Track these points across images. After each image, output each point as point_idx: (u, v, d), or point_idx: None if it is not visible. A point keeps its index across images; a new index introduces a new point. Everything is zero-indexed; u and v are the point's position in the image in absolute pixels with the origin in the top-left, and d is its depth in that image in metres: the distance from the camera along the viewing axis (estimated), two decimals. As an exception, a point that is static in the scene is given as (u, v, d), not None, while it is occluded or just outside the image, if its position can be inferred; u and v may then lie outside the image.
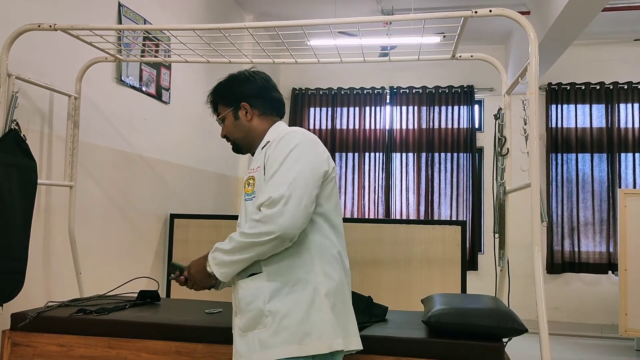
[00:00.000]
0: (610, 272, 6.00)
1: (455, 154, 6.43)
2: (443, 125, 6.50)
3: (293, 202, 1.51)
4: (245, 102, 1.80)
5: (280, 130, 1.76)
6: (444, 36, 4.40)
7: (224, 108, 1.84)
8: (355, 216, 6.48)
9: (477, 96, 6.56)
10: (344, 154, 6.63)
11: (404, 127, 6.59)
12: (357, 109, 6.67)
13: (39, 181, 2.42)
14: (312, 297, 1.59)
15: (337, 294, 1.63)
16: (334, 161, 5.16)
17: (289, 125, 5.70)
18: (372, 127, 6.62)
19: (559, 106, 6.30)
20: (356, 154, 6.61)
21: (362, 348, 1.68)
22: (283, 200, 1.51)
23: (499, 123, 2.78)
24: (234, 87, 1.83)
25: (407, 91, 6.61)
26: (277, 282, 1.59)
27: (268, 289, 1.59)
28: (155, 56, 3.60)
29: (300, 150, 1.61)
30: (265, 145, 1.73)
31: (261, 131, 1.80)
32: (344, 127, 6.67)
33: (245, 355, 1.59)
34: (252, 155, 1.84)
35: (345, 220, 2.07)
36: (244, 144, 1.84)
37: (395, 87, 6.62)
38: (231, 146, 1.88)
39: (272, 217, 1.51)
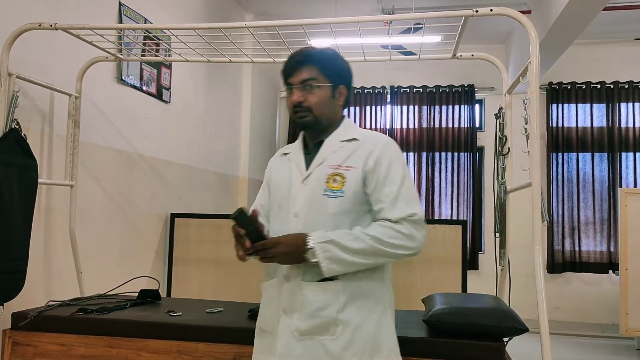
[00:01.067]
0: (611, 271, 5.99)
1: (455, 154, 6.42)
2: (444, 125, 6.50)
3: None
4: (345, 86, 1.70)
5: (359, 129, 1.72)
6: (422, 26, 4.40)
7: (325, 79, 1.64)
8: (356, 215, 6.46)
9: (478, 95, 6.55)
10: (344, 154, 6.61)
11: (404, 126, 6.58)
12: (357, 108, 6.66)
13: (39, 181, 2.42)
14: (383, 311, 1.60)
15: (394, 308, 1.67)
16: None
17: (289, 126, 5.70)
18: (373, 127, 6.61)
19: (560, 105, 6.29)
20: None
21: None
22: (423, 220, 1.57)
23: (499, 122, 2.78)
24: (343, 67, 1.71)
25: (408, 90, 6.61)
26: (352, 292, 1.56)
27: (343, 298, 1.55)
28: (156, 55, 3.60)
29: (405, 165, 1.66)
30: (349, 141, 1.65)
31: (338, 119, 1.72)
32: (345, 126, 6.65)
33: (304, 358, 1.54)
34: (311, 133, 1.70)
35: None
36: (322, 124, 1.66)
37: (395, 86, 6.62)
38: (302, 118, 1.65)
39: (418, 236, 1.55)
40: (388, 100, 6.67)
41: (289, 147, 1.80)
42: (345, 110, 1.75)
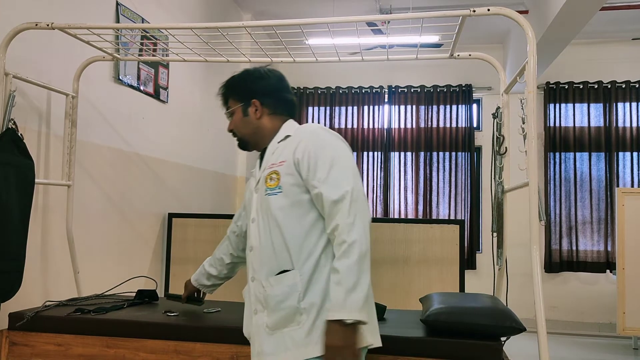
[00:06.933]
0: (608, 271, 6.01)
1: (453, 153, 6.43)
2: (441, 125, 6.50)
3: None
4: (256, 99, 1.77)
5: (298, 126, 1.74)
6: (420, 26, 4.41)
7: (234, 102, 1.81)
8: (354, 215, 6.47)
9: (476, 95, 6.56)
10: (342, 153, 6.62)
11: (402, 126, 6.59)
12: (355, 108, 6.66)
13: (36, 180, 2.41)
14: (327, 279, 1.56)
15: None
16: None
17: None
18: (371, 126, 6.61)
19: (557, 105, 6.30)
20: (354, 153, 6.61)
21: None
22: (363, 194, 1.57)
23: (497, 122, 2.78)
24: (247, 83, 1.79)
25: (405, 90, 6.61)
26: (307, 275, 1.55)
27: (301, 286, 1.55)
28: (153, 55, 3.60)
29: (337, 148, 1.62)
30: (283, 140, 1.71)
31: (270, 129, 1.77)
32: (342, 126, 6.66)
33: (273, 354, 1.55)
34: (260, 151, 1.82)
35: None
36: (251, 141, 1.82)
37: (393, 86, 6.62)
38: (237, 142, 1.85)
39: (360, 209, 1.53)
40: (386, 100, 6.67)
41: None
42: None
